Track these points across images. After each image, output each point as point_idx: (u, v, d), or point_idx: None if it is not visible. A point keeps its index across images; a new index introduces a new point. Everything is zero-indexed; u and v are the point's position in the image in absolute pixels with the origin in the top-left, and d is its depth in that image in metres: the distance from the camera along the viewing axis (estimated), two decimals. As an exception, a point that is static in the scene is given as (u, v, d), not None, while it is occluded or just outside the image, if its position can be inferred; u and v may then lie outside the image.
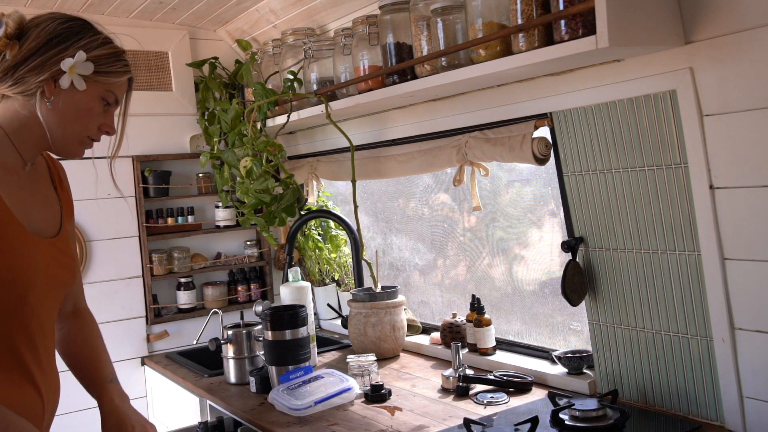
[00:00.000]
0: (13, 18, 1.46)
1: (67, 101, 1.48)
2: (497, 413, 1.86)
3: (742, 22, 1.44)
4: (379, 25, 2.10)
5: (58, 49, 1.46)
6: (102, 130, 1.58)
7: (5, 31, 1.45)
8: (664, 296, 1.73)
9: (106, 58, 1.51)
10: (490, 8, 1.72)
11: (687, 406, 1.72)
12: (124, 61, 1.56)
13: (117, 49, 1.55)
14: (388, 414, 1.94)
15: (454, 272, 2.66)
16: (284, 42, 2.59)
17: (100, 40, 1.52)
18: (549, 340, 2.26)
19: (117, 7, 2.68)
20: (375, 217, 3.03)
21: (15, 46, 1.45)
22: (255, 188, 2.50)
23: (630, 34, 1.44)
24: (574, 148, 1.85)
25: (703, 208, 1.59)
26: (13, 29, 1.45)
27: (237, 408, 2.10)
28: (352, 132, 2.55)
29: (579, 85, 1.79)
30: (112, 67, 1.53)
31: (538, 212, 2.27)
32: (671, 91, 1.59)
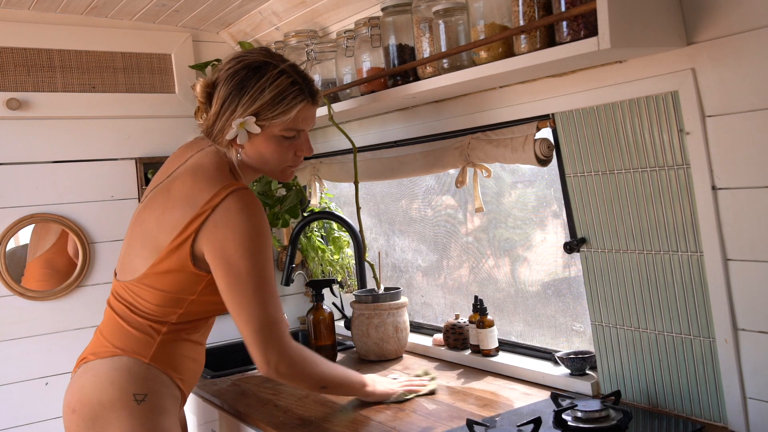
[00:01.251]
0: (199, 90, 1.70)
1: (252, 149, 1.71)
2: (500, 414, 1.86)
3: (745, 23, 1.44)
4: (382, 26, 2.10)
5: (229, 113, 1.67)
6: (298, 155, 1.77)
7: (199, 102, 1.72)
8: (666, 297, 1.73)
9: (267, 105, 1.65)
10: (492, 10, 1.72)
11: (690, 406, 1.72)
12: (289, 98, 1.67)
13: (278, 89, 1.66)
14: (390, 413, 1.94)
15: (457, 273, 2.66)
16: (287, 44, 2.60)
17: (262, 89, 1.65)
18: (552, 341, 2.26)
19: (120, 9, 2.68)
20: (378, 219, 3.03)
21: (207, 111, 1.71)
22: (258, 190, 2.51)
23: (632, 36, 1.44)
24: (576, 149, 1.86)
25: (705, 209, 1.59)
26: (202, 97, 1.71)
27: (240, 407, 2.10)
28: (354, 134, 2.55)
29: (581, 87, 1.79)
30: (273, 111, 1.66)
31: (541, 213, 2.28)
32: (673, 92, 1.59)
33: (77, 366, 1.79)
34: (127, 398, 1.67)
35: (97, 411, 1.67)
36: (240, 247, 1.61)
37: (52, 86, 2.69)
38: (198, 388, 2.37)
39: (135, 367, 1.70)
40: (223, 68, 1.70)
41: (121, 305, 1.76)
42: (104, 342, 1.75)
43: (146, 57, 2.87)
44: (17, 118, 2.62)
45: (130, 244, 1.80)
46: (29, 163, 2.65)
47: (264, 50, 1.75)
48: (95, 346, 1.77)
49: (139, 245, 1.75)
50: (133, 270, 1.74)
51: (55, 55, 2.70)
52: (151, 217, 1.73)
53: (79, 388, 1.71)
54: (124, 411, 1.66)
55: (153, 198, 1.78)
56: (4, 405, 2.58)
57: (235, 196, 1.63)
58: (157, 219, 1.71)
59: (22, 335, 2.62)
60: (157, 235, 1.70)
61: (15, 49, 2.62)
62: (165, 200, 1.72)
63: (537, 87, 1.91)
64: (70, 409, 1.71)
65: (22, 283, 2.64)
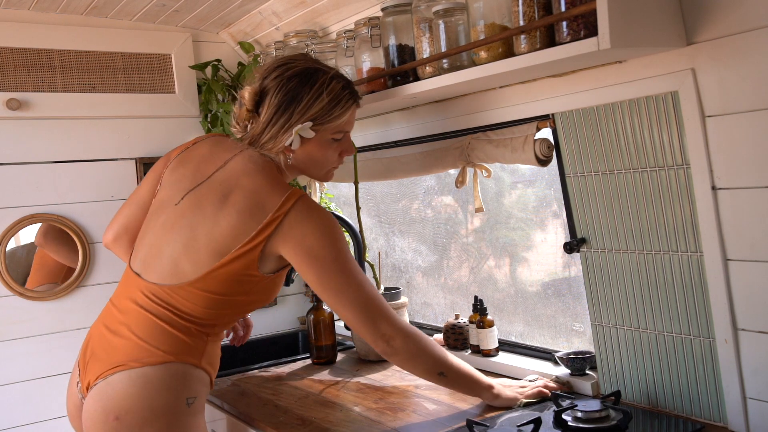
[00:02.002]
0: (247, 97, 1.74)
1: (303, 153, 1.77)
2: (500, 414, 1.86)
3: (745, 23, 1.44)
4: (382, 27, 2.10)
5: (283, 121, 1.71)
6: (342, 156, 1.85)
7: (246, 108, 1.75)
8: (666, 297, 1.73)
9: (323, 111, 1.72)
10: (491, 10, 1.72)
11: (690, 406, 1.72)
12: (343, 101, 1.75)
13: (333, 95, 1.73)
14: (390, 414, 1.94)
15: (457, 274, 2.66)
16: (287, 44, 2.60)
17: (317, 95, 1.71)
18: (552, 341, 2.26)
19: (120, 10, 2.69)
20: (378, 219, 3.03)
21: (256, 118, 1.75)
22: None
23: (632, 36, 1.44)
24: (576, 149, 1.86)
25: (705, 209, 1.59)
26: (250, 105, 1.74)
27: (240, 408, 2.10)
28: (354, 134, 2.55)
29: (581, 87, 1.79)
30: (330, 115, 1.73)
31: (541, 214, 2.28)
32: (673, 93, 1.60)
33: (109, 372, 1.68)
34: (180, 402, 1.67)
35: (146, 417, 1.63)
36: (320, 239, 1.68)
37: (52, 86, 2.69)
38: (198, 388, 2.38)
39: (189, 372, 1.70)
40: (270, 75, 1.74)
41: (161, 308, 1.71)
42: (148, 347, 1.68)
43: (146, 57, 2.87)
44: (17, 118, 2.62)
45: (167, 246, 1.76)
46: (29, 164, 2.65)
47: (306, 56, 1.83)
48: (136, 351, 1.68)
49: (190, 249, 1.72)
50: (180, 274, 1.71)
51: (55, 55, 2.70)
52: (204, 221, 1.72)
53: (126, 396, 1.64)
54: (175, 415, 1.66)
55: (199, 201, 1.76)
56: (4, 405, 2.58)
57: (304, 201, 1.71)
58: (215, 224, 1.71)
59: (22, 335, 2.62)
60: (218, 239, 1.69)
61: (15, 49, 2.62)
62: (221, 204, 1.72)
63: (537, 87, 1.91)
64: (111, 416, 1.64)
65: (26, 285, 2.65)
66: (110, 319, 1.78)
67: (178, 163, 1.86)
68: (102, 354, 1.72)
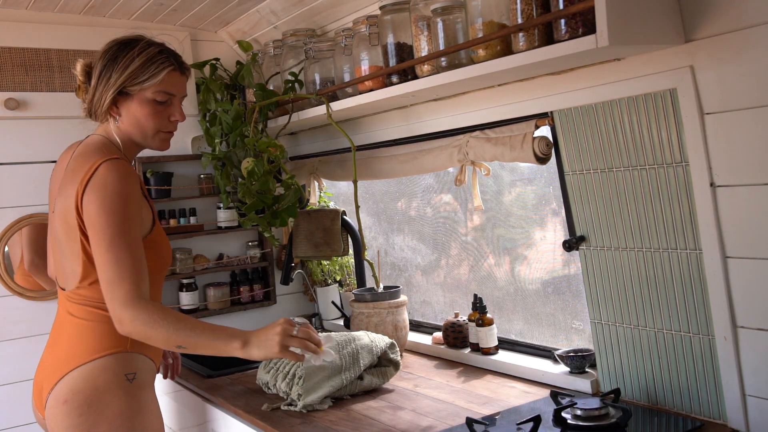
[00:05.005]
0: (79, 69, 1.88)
1: (128, 115, 1.86)
2: (500, 412, 1.86)
3: (743, 20, 1.44)
4: (380, 25, 2.10)
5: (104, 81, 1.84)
6: (171, 120, 1.90)
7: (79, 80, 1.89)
8: (665, 294, 1.73)
9: (138, 69, 1.82)
10: (490, 8, 1.72)
11: (689, 404, 1.72)
12: (158, 62, 1.84)
13: (147, 56, 1.84)
14: (390, 412, 1.94)
15: (456, 272, 2.66)
16: (285, 43, 2.60)
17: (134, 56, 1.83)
18: (551, 339, 2.26)
19: (118, 9, 2.68)
20: (377, 218, 3.03)
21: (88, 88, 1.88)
22: (256, 189, 2.50)
23: (630, 33, 1.44)
24: (575, 147, 1.85)
25: (704, 206, 1.59)
26: (82, 76, 1.89)
27: (239, 408, 2.10)
28: (353, 132, 2.55)
29: (579, 84, 1.79)
30: (145, 73, 1.83)
31: (540, 212, 2.28)
32: (672, 90, 1.59)
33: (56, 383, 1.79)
34: (120, 378, 1.78)
35: (91, 396, 1.76)
36: (99, 206, 1.71)
37: (51, 86, 2.69)
38: (197, 387, 2.38)
39: (123, 357, 1.82)
40: (100, 51, 1.89)
41: (87, 309, 1.83)
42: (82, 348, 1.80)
43: (144, 56, 2.86)
44: (16, 118, 2.62)
45: (58, 253, 1.89)
46: (28, 163, 2.65)
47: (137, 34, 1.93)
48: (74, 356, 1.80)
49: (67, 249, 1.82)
50: (74, 274, 1.82)
51: (53, 55, 2.70)
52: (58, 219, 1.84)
53: (71, 384, 1.78)
54: (119, 390, 1.77)
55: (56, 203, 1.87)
56: (3, 405, 2.58)
57: (106, 165, 1.75)
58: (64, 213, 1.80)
59: (21, 335, 2.62)
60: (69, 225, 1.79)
61: (13, 48, 2.62)
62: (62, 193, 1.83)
63: (535, 85, 1.91)
64: (60, 401, 1.76)
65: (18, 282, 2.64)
66: (51, 336, 1.93)
67: (51, 178, 2.01)
68: (49, 370, 1.83)
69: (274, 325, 1.74)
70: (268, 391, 2.19)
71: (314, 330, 1.79)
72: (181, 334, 1.70)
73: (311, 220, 2.85)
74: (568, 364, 2.03)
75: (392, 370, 2.20)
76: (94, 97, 1.85)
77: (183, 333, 1.70)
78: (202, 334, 1.71)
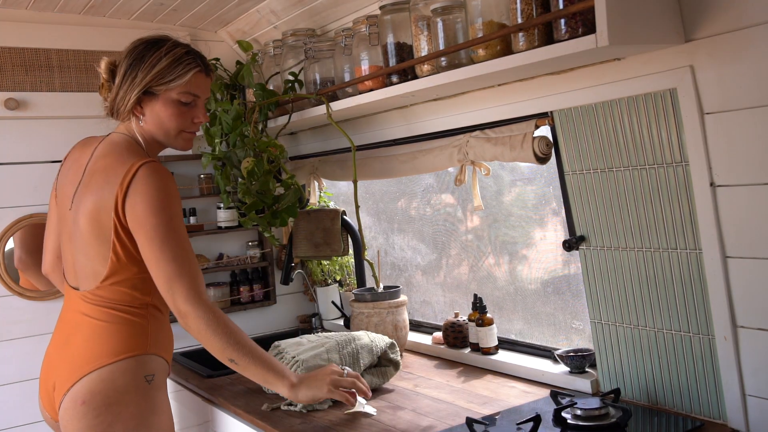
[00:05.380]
0: (103, 67, 1.88)
1: (152, 115, 1.86)
2: (499, 412, 1.86)
3: (743, 19, 1.44)
4: (380, 25, 2.10)
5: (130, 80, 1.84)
6: (195, 122, 1.93)
7: (103, 78, 1.89)
8: (665, 294, 1.73)
9: (165, 69, 1.83)
10: (490, 8, 1.72)
11: (689, 404, 1.72)
12: (185, 63, 1.86)
13: (174, 57, 1.85)
14: (390, 412, 1.94)
15: (456, 272, 2.66)
16: (285, 43, 2.60)
17: (160, 56, 1.84)
18: (551, 339, 2.26)
19: (118, 9, 2.68)
20: (377, 218, 3.03)
21: (112, 87, 1.88)
22: (256, 189, 2.50)
23: (630, 33, 1.44)
24: (575, 146, 1.85)
25: (704, 206, 1.59)
26: (106, 74, 1.88)
27: (239, 408, 2.10)
28: (353, 132, 2.55)
29: (579, 84, 1.79)
30: (172, 74, 1.84)
31: (540, 211, 2.28)
32: (672, 90, 1.59)
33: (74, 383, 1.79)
34: (140, 380, 1.79)
35: (110, 397, 1.75)
36: (147, 206, 1.73)
37: (50, 86, 2.69)
38: (197, 387, 2.38)
39: (141, 359, 1.82)
40: (125, 50, 1.88)
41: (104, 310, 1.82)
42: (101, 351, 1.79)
43: (144, 56, 2.86)
44: (15, 118, 2.62)
45: (77, 253, 1.86)
46: (28, 163, 2.65)
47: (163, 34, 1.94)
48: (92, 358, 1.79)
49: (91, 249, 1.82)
50: (96, 274, 1.81)
51: (53, 55, 2.70)
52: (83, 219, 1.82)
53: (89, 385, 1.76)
54: (138, 391, 1.78)
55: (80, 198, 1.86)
56: (3, 405, 2.58)
57: (147, 167, 1.77)
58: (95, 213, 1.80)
59: (21, 335, 2.62)
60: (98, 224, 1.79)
61: (13, 48, 2.62)
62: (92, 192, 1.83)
63: (535, 85, 1.91)
64: (78, 402, 1.75)
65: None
66: (61, 336, 1.89)
67: (62, 174, 1.98)
68: (64, 371, 1.81)
69: (324, 369, 1.84)
70: (268, 391, 2.19)
71: (362, 380, 1.87)
72: (240, 351, 1.74)
73: (311, 220, 2.85)
74: (568, 364, 2.03)
75: (392, 370, 2.20)
76: (118, 95, 1.86)
77: (242, 350, 1.74)
78: (258, 359, 1.76)
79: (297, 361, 2.05)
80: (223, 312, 1.79)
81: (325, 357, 2.06)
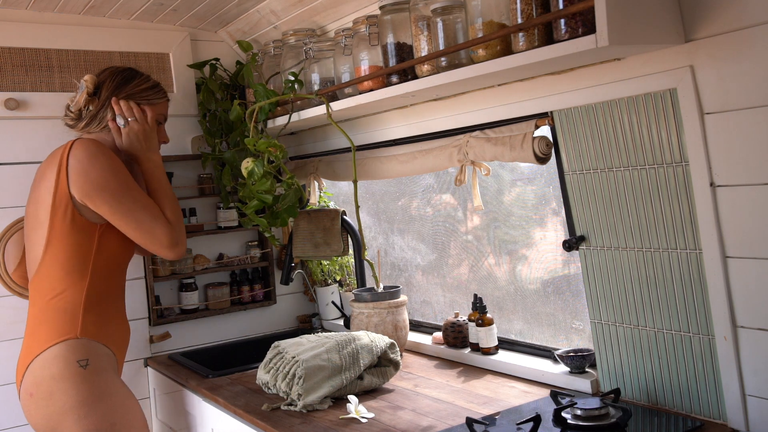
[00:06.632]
0: (90, 81, 2.17)
1: None
2: (499, 412, 1.86)
3: (743, 19, 1.44)
4: (380, 25, 2.10)
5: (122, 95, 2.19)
6: (160, 141, 2.33)
7: (88, 92, 2.16)
8: (665, 294, 1.73)
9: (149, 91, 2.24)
10: (490, 8, 1.72)
11: (689, 404, 1.72)
12: (160, 91, 2.28)
13: (153, 83, 2.27)
14: (390, 412, 1.94)
15: (456, 272, 2.66)
16: (285, 43, 2.60)
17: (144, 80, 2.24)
18: (551, 339, 2.26)
19: (118, 9, 2.68)
20: (377, 218, 3.03)
21: (95, 101, 2.19)
22: (257, 189, 2.50)
23: (630, 33, 1.44)
24: (575, 146, 1.85)
25: (704, 206, 1.59)
26: (92, 89, 2.17)
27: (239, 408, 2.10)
28: (353, 132, 2.55)
29: (579, 84, 1.79)
30: (155, 95, 2.25)
31: (540, 211, 2.28)
32: (672, 90, 1.59)
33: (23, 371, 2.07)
34: (72, 365, 1.98)
35: (51, 386, 1.96)
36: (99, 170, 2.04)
37: (50, 86, 2.69)
38: (197, 386, 2.38)
39: (72, 344, 2.03)
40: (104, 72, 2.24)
41: (42, 299, 2.08)
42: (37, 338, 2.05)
43: (144, 56, 2.87)
44: (15, 118, 2.62)
45: (28, 243, 2.17)
46: (28, 163, 2.65)
47: None
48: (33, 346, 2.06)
49: (32, 236, 2.12)
50: (35, 257, 2.09)
51: (53, 55, 2.70)
52: (30, 218, 2.15)
53: (31, 376, 2.02)
54: (75, 377, 1.97)
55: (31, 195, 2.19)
56: (4, 405, 2.57)
57: (78, 143, 2.08)
58: (35, 204, 2.12)
59: (21, 335, 2.61)
60: (39, 212, 2.09)
61: (13, 48, 2.62)
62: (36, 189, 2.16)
63: (535, 85, 1.91)
64: (27, 394, 2.01)
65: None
66: None
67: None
68: (18, 366, 2.13)
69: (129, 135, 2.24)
70: (268, 391, 2.19)
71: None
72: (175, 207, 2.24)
73: (311, 220, 2.85)
74: (568, 364, 2.03)
75: (392, 370, 2.20)
76: (104, 107, 2.17)
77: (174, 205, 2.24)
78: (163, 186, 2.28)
79: (297, 361, 2.05)
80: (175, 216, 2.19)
81: (325, 357, 2.06)
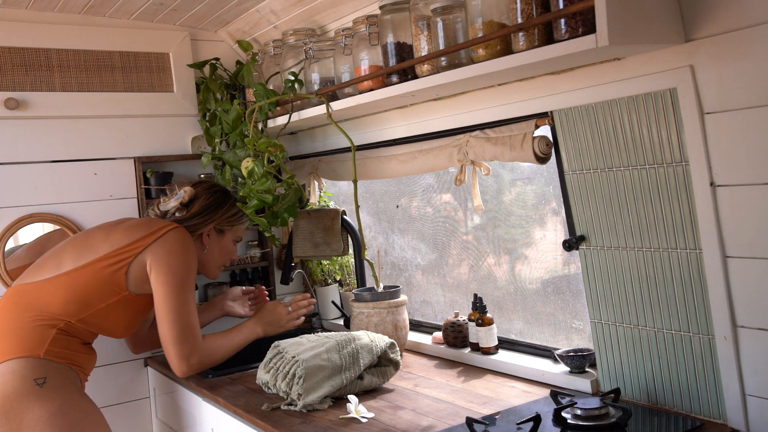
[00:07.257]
0: (188, 194, 2.36)
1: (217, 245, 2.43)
2: (499, 412, 1.86)
3: (743, 19, 1.44)
4: (380, 25, 2.10)
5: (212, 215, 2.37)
6: (232, 258, 2.49)
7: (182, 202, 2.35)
8: (665, 294, 1.73)
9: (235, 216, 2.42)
10: (490, 7, 1.72)
11: (689, 404, 1.72)
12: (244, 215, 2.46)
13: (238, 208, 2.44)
14: (390, 412, 1.94)
15: (456, 271, 2.66)
16: (285, 42, 2.60)
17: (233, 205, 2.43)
18: (551, 338, 2.26)
19: (118, 9, 2.68)
20: (377, 217, 3.03)
21: (183, 210, 2.36)
22: (257, 189, 2.50)
23: (630, 33, 1.44)
24: (575, 146, 1.85)
25: (704, 205, 1.59)
26: (186, 201, 2.35)
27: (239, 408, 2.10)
28: (353, 132, 2.55)
29: (579, 84, 1.79)
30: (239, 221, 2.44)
31: (540, 211, 2.28)
32: (672, 89, 1.59)
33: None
34: (28, 384, 1.94)
35: (6, 405, 1.93)
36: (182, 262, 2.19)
37: (50, 86, 2.69)
38: (197, 386, 2.38)
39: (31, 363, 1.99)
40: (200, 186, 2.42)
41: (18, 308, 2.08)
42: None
43: (144, 56, 2.87)
44: (15, 118, 2.62)
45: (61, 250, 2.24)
46: (28, 163, 2.65)
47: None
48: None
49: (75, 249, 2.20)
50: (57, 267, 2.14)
51: (53, 55, 2.70)
52: (98, 233, 2.26)
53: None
54: (31, 396, 1.94)
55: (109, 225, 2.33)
56: None
57: (179, 230, 2.25)
58: (105, 235, 2.23)
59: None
60: (99, 245, 2.19)
61: (13, 48, 2.62)
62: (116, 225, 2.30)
63: (535, 84, 1.91)
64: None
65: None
66: None
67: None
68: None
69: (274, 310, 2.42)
70: (268, 391, 2.19)
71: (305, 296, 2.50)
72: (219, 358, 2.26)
73: (311, 219, 2.85)
74: (568, 363, 2.03)
75: (392, 370, 2.20)
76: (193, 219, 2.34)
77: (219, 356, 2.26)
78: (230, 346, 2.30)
79: (297, 361, 2.05)
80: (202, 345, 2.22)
81: (325, 357, 2.06)
